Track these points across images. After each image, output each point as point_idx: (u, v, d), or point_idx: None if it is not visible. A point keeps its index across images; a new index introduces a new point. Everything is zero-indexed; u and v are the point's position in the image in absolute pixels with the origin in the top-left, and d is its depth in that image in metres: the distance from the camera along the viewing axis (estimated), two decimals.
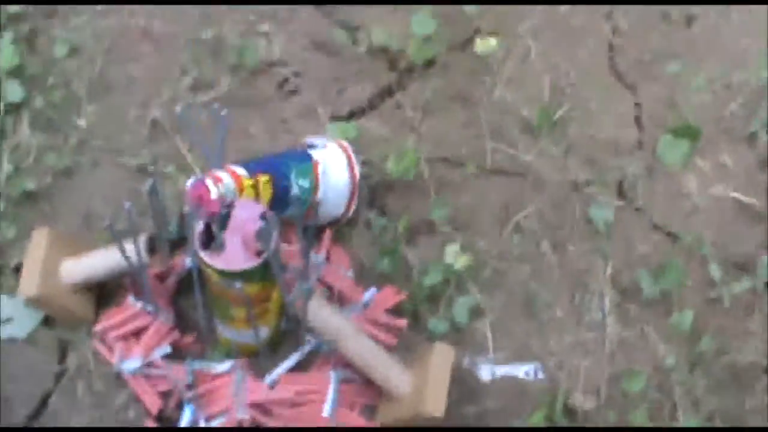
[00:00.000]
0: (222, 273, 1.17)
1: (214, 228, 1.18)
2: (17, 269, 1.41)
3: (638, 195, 1.50)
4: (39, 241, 1.37)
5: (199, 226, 1.19)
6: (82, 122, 1.56)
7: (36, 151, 1.52)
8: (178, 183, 1.47)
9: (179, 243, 1.36)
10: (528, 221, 1.48)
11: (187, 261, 1.37)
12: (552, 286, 1.45)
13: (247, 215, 1.19)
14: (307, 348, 1.37)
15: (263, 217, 1.18)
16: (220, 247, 1.17)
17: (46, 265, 1.35)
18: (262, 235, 1.16)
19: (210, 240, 1.19)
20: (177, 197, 1.43)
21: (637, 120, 1.57)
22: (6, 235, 1.47)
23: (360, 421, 1.32)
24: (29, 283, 1.34)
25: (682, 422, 1.35)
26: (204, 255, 1.18)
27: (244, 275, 1.17)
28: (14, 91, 1.56)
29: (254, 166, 1.30)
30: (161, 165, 1.51)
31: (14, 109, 1.55)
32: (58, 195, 1.51)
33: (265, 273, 1.19)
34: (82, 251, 1.38)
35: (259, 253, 1.17)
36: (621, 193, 1.51)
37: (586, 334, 1.41)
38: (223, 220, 1.19)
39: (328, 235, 1.43)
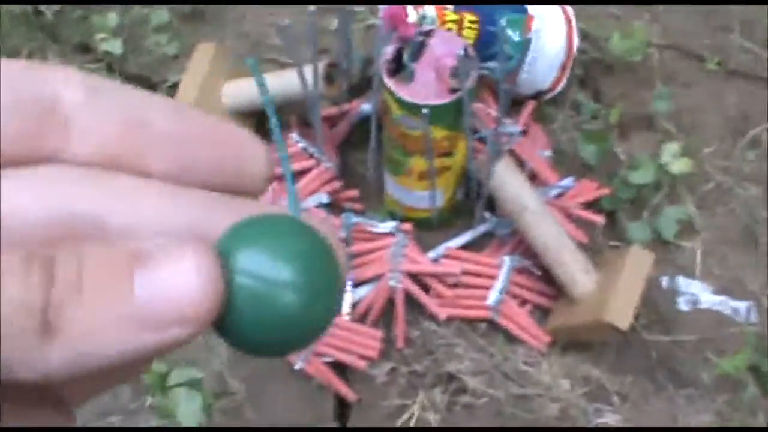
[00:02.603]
0: (407, 106, 1.11)
1: (406, 56, 1.13)
2: (174, 86, 1.39)
3: None
4: (203, 55, 1.33)
5: (389, 52, 1.14)
6: None
7: None
8: (366, 21, 1.42)
9: (358, 87, 1.32)
10: None
11: (364, 107, 1.33)
12: None
13: (446, 48, 1.12)
14: (482, 228, 1.29)
15: (463, 52, 1.12)
16: (410, 77, 1.12)
17: (206, 82, 1.31)
18: (459, 71, 1.10)
19: (398, 69, 1.13)
20: (365, 39, 1.39)
21: None
22: (167, 50, 1.45)
23: (526, 320, 1.25)
24: (185, 96, 1.31)
25: None
26: (390, 83, 1.12)
27: (432, 112, 1.11)
28: None
29: (462, 3, 1.25)
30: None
31: None
32: (230, 17, 1.48)
33: (453, 116, 1.13)
34: (247, 76, 1.35)
35: (451, 92, 1.11)
36: None
37: None
38: (417, 49, 1.13)
39: (529, 107, 1.34)
